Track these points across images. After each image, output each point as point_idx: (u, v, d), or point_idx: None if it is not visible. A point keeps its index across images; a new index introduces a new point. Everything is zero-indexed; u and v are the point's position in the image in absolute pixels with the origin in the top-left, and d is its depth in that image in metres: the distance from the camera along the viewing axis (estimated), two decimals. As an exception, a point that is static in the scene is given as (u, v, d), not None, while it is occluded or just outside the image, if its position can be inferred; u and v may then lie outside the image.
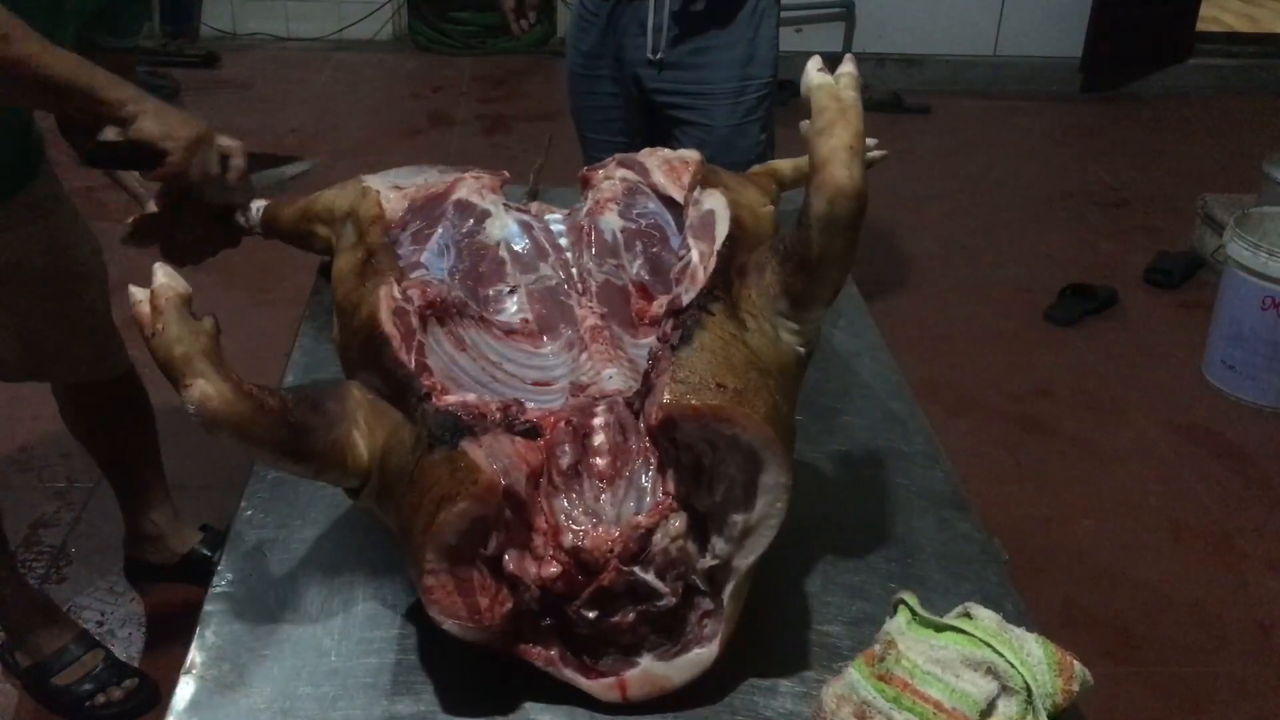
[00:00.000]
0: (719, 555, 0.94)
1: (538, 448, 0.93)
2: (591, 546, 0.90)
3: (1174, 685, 2.19)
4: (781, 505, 0.92)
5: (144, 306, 0.95)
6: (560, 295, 1.19)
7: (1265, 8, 6.41)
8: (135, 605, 2.29)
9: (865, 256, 3.58)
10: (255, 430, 0.93)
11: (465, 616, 0.91)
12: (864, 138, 0.95)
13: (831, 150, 0.94)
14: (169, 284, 0.96)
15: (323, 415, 0.98)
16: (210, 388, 0.91)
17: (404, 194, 1.31)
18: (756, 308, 1.01)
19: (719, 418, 0.90)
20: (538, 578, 0.91)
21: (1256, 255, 2.99)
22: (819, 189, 0.94)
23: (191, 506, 2.38)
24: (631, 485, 0.93)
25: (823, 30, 5.39)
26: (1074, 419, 3.02)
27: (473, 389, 1.04)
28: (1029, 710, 0.90)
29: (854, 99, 0.97)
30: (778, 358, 0.99)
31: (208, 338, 0.94)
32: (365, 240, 1.22)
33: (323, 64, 5.54)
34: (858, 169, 0.93)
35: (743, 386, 0.91)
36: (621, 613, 0.93)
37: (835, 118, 0.95)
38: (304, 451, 0.97)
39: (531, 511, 0.92)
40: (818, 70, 0.99)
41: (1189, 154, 4.85)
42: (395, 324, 1.04)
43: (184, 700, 0.98)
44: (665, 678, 0.96)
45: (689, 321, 0.96)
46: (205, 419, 0.91)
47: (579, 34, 2.44)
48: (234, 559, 1.14)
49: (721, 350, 0.94)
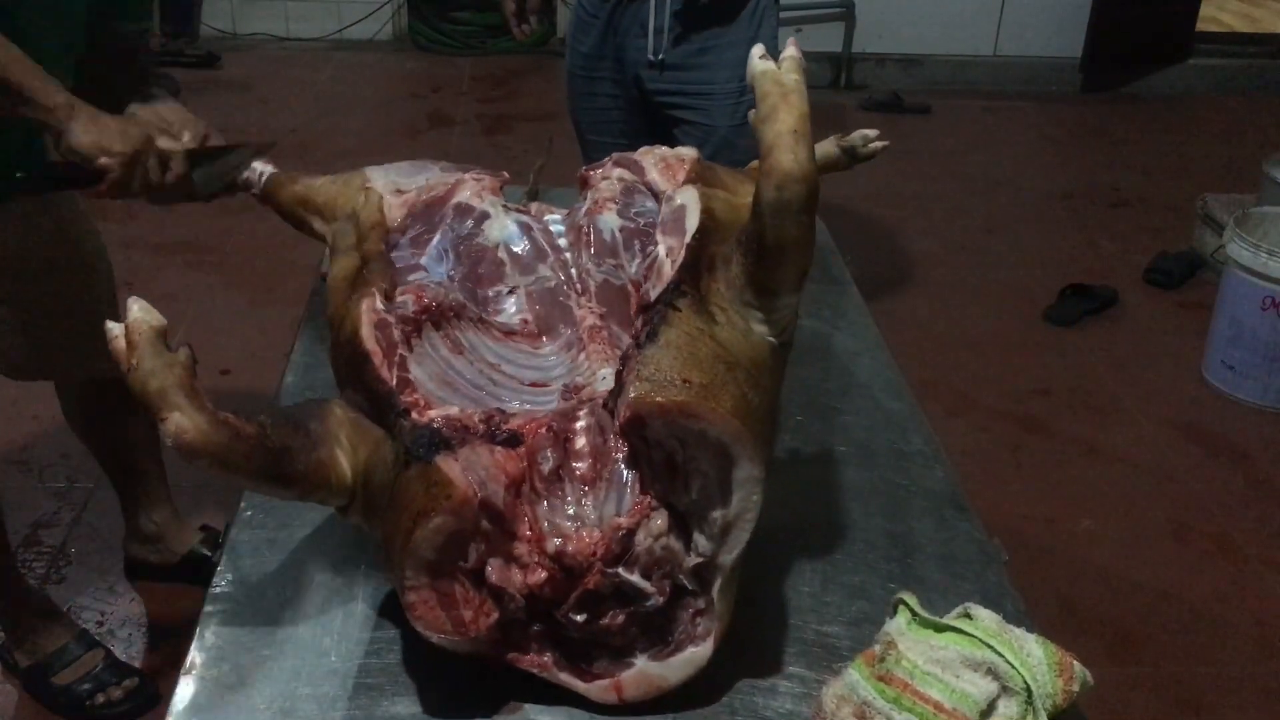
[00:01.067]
0: (702, 553, 0.94)
1: (518, 456, 0.93)
2: (574, 550, 0.91)
3: (1174, 685, 2.19)
4: (757, 499, 0.92)
5: (119, 342, 0.96)
6: (559, 296, 1.19)
7: (1265, 8, 6.41)
8: (135, 605, 2.29)
9: (865, 256, 3.59)
10: (233, 458, 0.93)
11: (450, 630, 0.91)
12: (808, 120, 0.94)
13: (776, 135, 0.93)
14: (143, 318, 0.96)
15: (304, 437, 0.99)
16: (185, 420, 0.92)
17: (404, 200, 1.30)
18: (725, 300, 1.00)
19: (685, 413, 0.90)
20: (523, 585, 0.91)
21: (1256, 255, 2.99)
22: (766, 175, 0.93)
23: (191, 506, 2.38)
24: (612, 487, 0.93)
25: (823, 30, 5.39)
26: (1074, 419, 3.02)
27: (469, 393, 1.04)
28: (1029, 710, 0.90)
29: (796, 82, 0.96)
30: (749, 350, 0.98)
31: (183, 369, 0.95)
32: (362, 247, 1.22)
33: (323, 64, 5.54)
34: (804, 152, 0.93)
35: (708, 381, 0.91)
36: (610, 615, 0.93)
37: (778, 103, 0.95)
38: (285, 476, 0.97)
39: (513, 520, 0.92)
40: (760, 57, 0.99)
41: (1189, 154, 4.85)
42: (377, 339, 1.04)
43: (184, 700, 0.98)
44: (661, 677, 0.96)
45: (655, 318, 0.96)
46: (182, 450, 0.92)
47: (578, 35, 2.44)
48: (234, 559, 1.14)
49: (687, 346, 0.94)
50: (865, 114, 5.17)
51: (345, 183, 1.40)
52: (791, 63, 0.98)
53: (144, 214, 3.60)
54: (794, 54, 0.99)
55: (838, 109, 5.22)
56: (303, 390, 1.41)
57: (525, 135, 4.69)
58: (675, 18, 2.29)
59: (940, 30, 5.44)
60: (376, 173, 1.36)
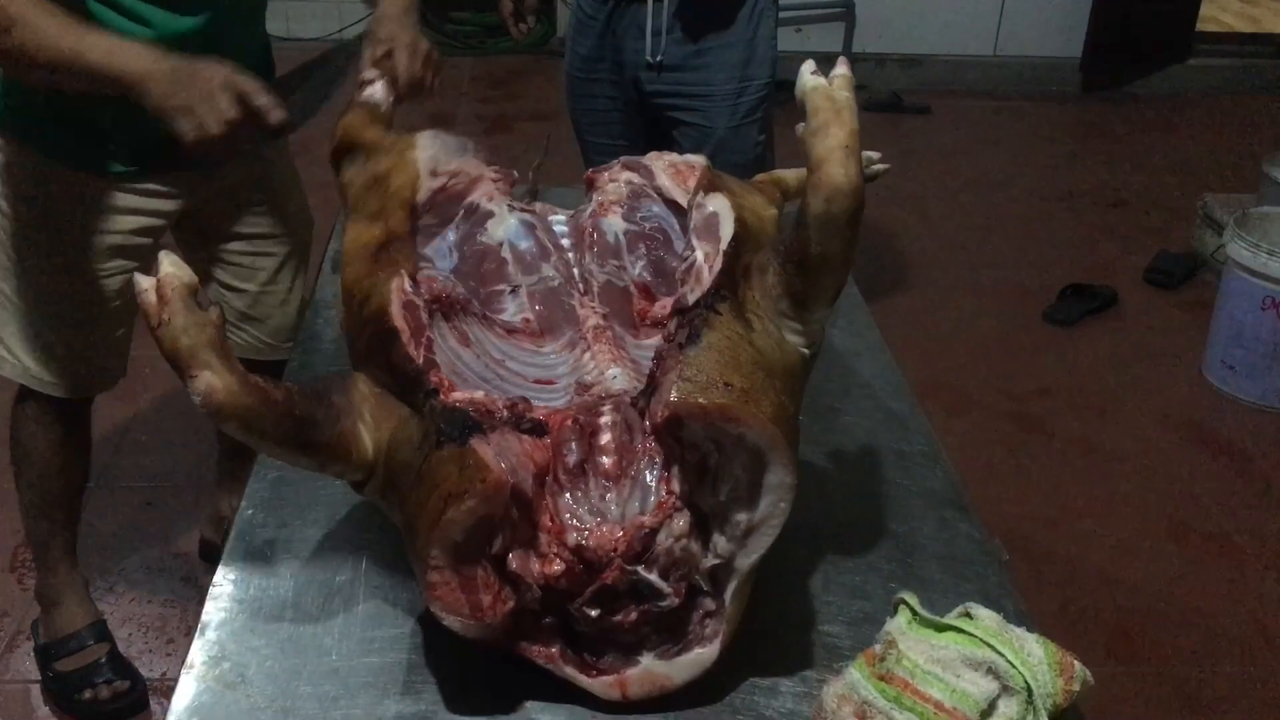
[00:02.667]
0: (721, 554, 0.94)
1: (544, 446, 0.93)
2: (595, 545, 0.91)
3: (1174, 685, 2.19)
4: (785, 505, 0.92)
5: (150, 295, 0.95)
6: (562, 295, 1.19)
7: (1265, 8, 6.41)
8: (135, 605, 2.29)
9: (865, 256, 3.58)
10: (261, 422, 0.94)
11: (467, 614, 0.91)
12: (859, 137, 0.96)
13: (828, 150, 0.95)
14: (175, 273, 0.95)
15: (328, 408, 0.99)
16: (216, 379, 0.92)
17: (436, 185, 1.28)
18: (760, 309, 1.01)
19: (726, 417, 0.90)
20: (541, 575, 0.91)
21: (1256, 255, 2.99)
22: (816, 188, 0.94)
23: (197, 504, 2.38)
24: (636, 485, 0.93)
25: (822, 30, 5.39)
26: (1074, 419, 3.02)
27: (478, 385, 1.04)
28: (1029, 710, 0.90)
29: (848, 99, 0.98)
30: (783, 358, 0.99)
31: (214, 329, 0.94)
32: (386, 220, 1.20)
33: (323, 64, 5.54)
34: (854, 167, 0.94)
35: (749, 386, 0.92)
36: (624, 612, 0.93)
37: (830, 118, 0.96)
38: (310, 444, 0.97)
39: (537, 510, 0.92)
40: (811, 73, 1.00)
41: (1189, 154, 4.85)
42: (405, 319, 1.04)
43: (184, 700, 0.98)
44: (666, 677, 0.96)
45: (696, 321, 0.96)
46: (211, 410, 0.92)
47: (577, 37, 2.44)
48: (234, 559, 1.14)
49: (729, 350, 0.94)
50: (865, 114, 5.16)
51: (395, 139, 1.35)
52: (843, 80, 0.99)
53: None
54: (845, 73, 1.00)
55: (838, 109, 5.21)
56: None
57: (525, 135, 4.69)
58: (673, 19, 2.30)
59: (940, 30, 5.44)
60: (426, 140, 1.31)
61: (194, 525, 2.33)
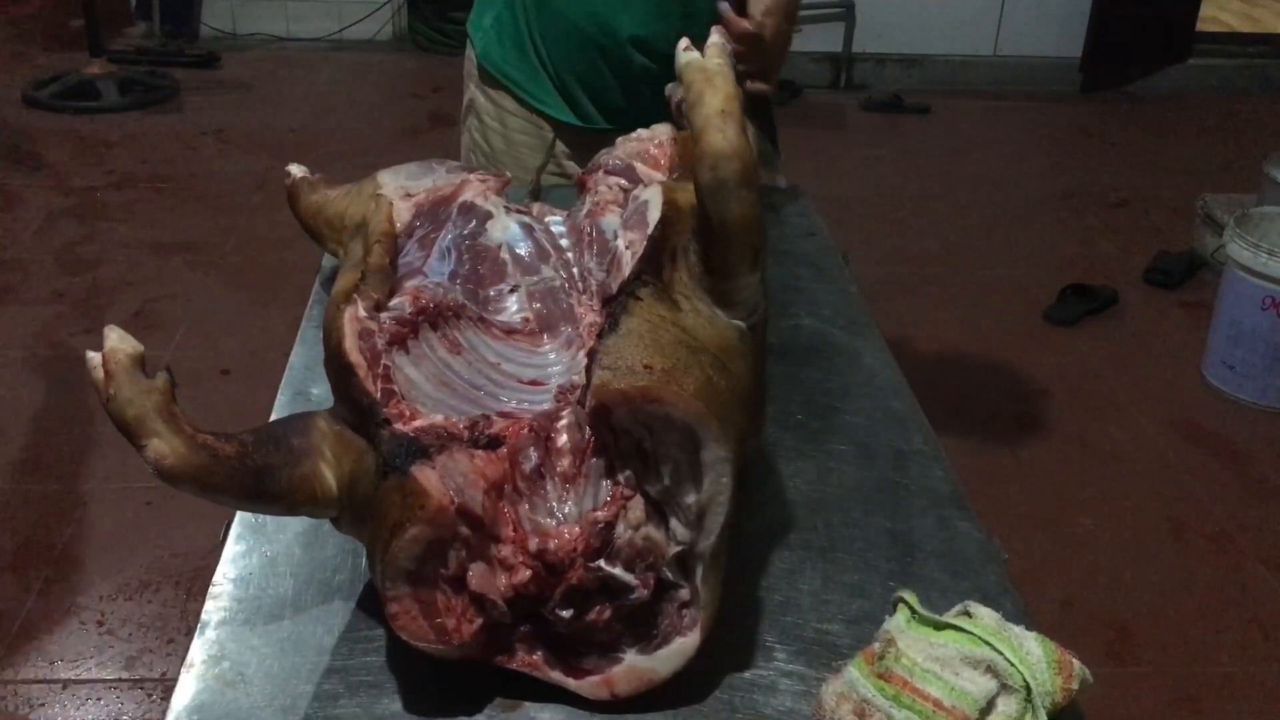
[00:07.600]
0: (681, 540, 0.94)
1: (499, 458, 0.93)
2: (555, 548, 0.91)
3: (1174, 685, 2.19)
4: (727, 480, 0.92)
5: (98, 371, 0.96)
6: (561, 294, 1.20)
7: (1265, 8, 6.41)
8: (135, 605, 2.29)
9: (865, 256, 3.59)
10: (214, 479, 0.94)
11: (434, 639, 0.91)
12: (735, 100, 0.95)
13: (704, 119, 0.95)
14: (120, 347, 0.96)
15: (287, 452, 0.99)
16: (163, 445, 0.92)
17: (413, 202, 1.30)
18: (689, 289, 1.01)
19: (647, 398, 0.90)
20: (508, 586, 0.91)
21: (1256, 255, 2.99)
22: (700, 159, 0.94)
23: (197, 504, 2.38)
24: (588, 482, 0.94)
25: (823, 30, 5.39)
26: (1074, 419, 3.02)
27: (465, 393, 1.04)
28: (1028, 708, 0.90)
29: (719, 65, 0.98)
30: (715, 335, 0.99)
31: (160, 395, 0.94)
32: (366, 260, 1.21)
33: (323, 64, 5.55)
34: (732, 130, 0.94)
35: (670, 366, 0.91)
36: (596, 610, 0.93)
37: (704, 88, 0.96)
38: (268, 493, 0.97)
39: (495, 522, 0.92)
40: (684, 49, 1.01)
41: (1189, 154, 4.86)
42: (360, 350, 1.04)
43: (184, 699, 0.98)
44: (651, 670, 0.96)
45: (616, 309, 0.97)
46: (163, 475, 0.93)
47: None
48: (234, 557, 1.15)
49: (649, 333, 0.94)
50: (865, 114, 5.18)
51: (357, 192, 1.39)
52: (714, 49, 1.00)
53: (144, 214, 3.62)
54: (717, 40, 1.01)
55: (838, 109, 5.22)
56: (296, 403, 1.41)
57: (525, 135, 4.68)
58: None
59: (940, 30, 5.45)
60: (387, 176, 1.35)
61: (194, 525, 2.33)
